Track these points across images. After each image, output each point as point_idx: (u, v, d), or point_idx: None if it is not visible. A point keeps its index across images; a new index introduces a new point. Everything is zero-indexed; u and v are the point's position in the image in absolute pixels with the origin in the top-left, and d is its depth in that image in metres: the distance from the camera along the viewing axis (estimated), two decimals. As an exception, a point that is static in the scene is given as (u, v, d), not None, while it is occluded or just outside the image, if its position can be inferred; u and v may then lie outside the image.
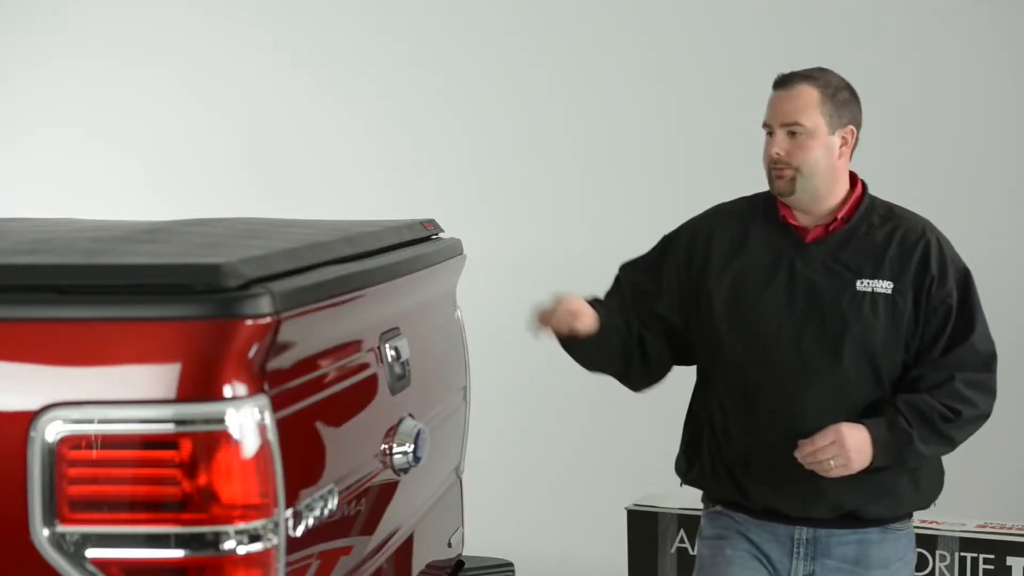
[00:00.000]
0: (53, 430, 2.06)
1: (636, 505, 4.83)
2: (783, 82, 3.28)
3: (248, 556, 2.09)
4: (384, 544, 2.79)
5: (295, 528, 2.22)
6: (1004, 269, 5.81)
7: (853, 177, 3.33)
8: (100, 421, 2.06)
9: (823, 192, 3.24)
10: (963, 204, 5.89)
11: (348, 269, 2.63)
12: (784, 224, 3.30)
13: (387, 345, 2.79)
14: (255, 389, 2.10)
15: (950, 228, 5.95)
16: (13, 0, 7.08)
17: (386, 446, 2.75)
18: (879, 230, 3.26)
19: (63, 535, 2.07)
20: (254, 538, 2.09)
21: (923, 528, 4.50)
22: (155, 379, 2.05)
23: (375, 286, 2.75)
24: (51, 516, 2.06)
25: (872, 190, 3.35)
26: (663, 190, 6.15)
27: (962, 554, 4.48)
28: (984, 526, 4.56)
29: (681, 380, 3.45)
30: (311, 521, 2.29)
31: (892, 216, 3.29)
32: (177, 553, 2.06)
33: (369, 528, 2.68)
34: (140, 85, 7.00)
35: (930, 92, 6.06)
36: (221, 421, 2.06)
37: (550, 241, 6.36)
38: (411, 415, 2.88)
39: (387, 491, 2.79)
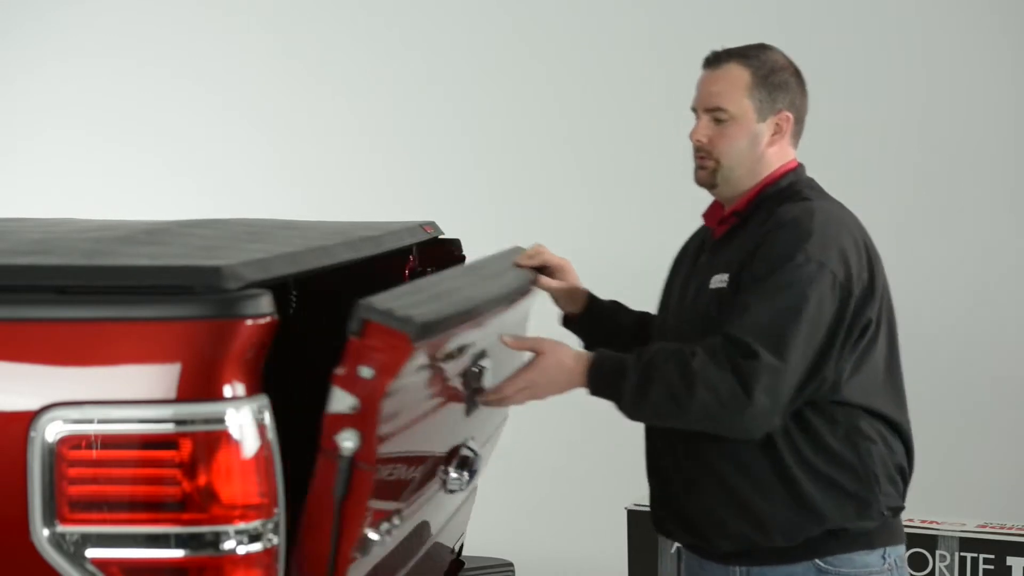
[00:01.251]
0: (53, 430, 2.06)
1: (636, 505, 4.83)
2: (712, 60, 2.98)
3: (248, 556, 2.09)
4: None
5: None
6: (1004, 269, 5.82)
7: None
8: (100, 421, 2.06)
9: (747, 184, 2.96)
10: (963, 204, 5.89)
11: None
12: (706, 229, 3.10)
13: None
14: (255, 389, 2.10)
15: (951, 228, 5.93)
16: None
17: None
18: (763, 220, 2.89)
19: (63, 535, 2.07)
20: (254, 538, 2.09)
21: (923, 528, 4.50)
22: (155, 379, 2.06)
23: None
24: (51, 516, 2.07)
25: (871, 190, 3.28)
26: (666, 191, 6.14)
27: (962, 554, 4.48)
28: (984, 526, 4.55)
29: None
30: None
31: (782, 203, 2.90)
32: (177, 553, 2.07)
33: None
34: (142, 86, 7.01)
35: (932, 91, 6.06)
36: (221, 421, 2.06)
37: (553, 242, 6.36)
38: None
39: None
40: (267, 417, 2.11)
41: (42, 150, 7.10)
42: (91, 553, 2.07)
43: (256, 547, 2.10)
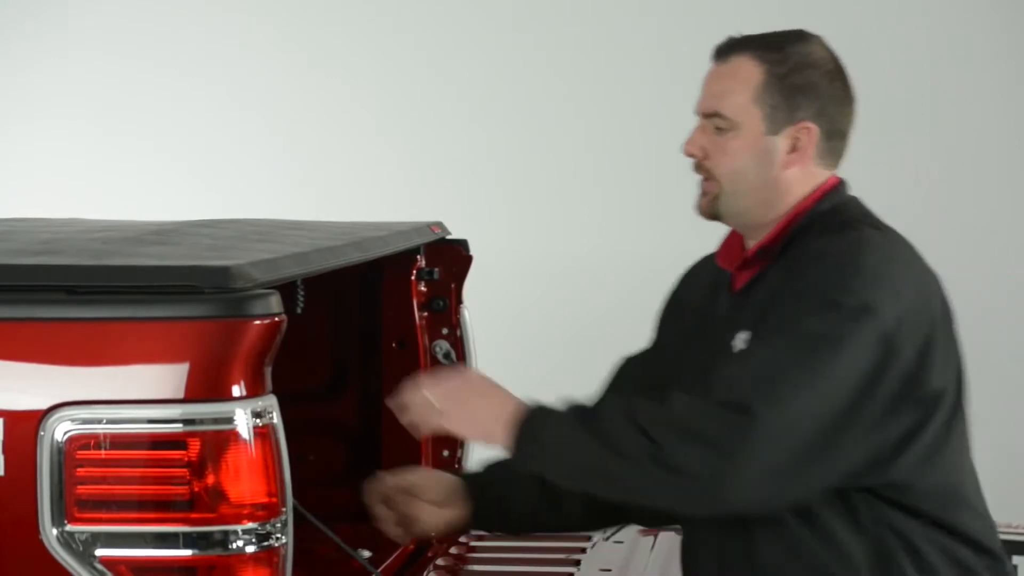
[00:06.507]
0: (62, 430, 2.07)
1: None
2: (722, 51, 2.37)
3: (256, 555, 2.09)
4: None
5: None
6: (1004, 269, 5.81)
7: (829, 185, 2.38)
8: (108, 421, 2.06)
9: (758, 216, 2.32)
10: (964, 203, 5.88)
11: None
12: (719, 269, 2.43)
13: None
14: (263, 389, 2.11)
15: (949, 227, 5.90)
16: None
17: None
18: (797, 260, 2.27)
19: (72, 534, 2.07)
20: (262, 537, 2.10)
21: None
22: (164, 379, 2.06)
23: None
24: (60, 515, 2.07)
25: (878, 192, 3.03)
26: (672, 191, 6.11)
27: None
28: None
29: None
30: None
31: (824, 234, 2.28)
32: (185, 552, 2.07)
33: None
34: (149, 85, 7.01)
35: (936, 90, 6.06)
36: (229, 420, 2.06)
37: (562, 242, 6.36)
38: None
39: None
40: (275, 416, 2.12)
41: (47, 149, 7.10)
42: (100, 552, 2.07)
43: (264, 546, 2.10)
